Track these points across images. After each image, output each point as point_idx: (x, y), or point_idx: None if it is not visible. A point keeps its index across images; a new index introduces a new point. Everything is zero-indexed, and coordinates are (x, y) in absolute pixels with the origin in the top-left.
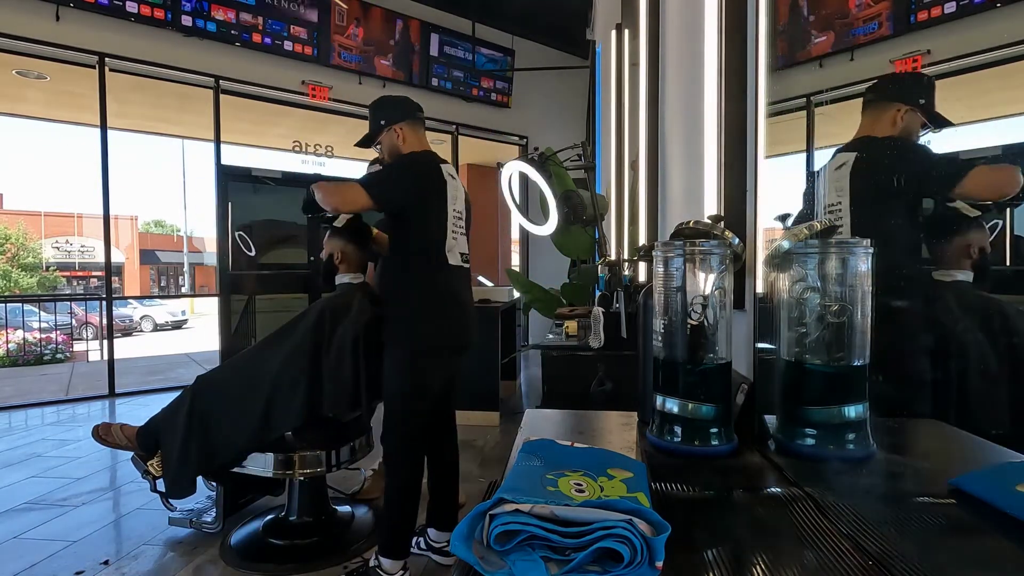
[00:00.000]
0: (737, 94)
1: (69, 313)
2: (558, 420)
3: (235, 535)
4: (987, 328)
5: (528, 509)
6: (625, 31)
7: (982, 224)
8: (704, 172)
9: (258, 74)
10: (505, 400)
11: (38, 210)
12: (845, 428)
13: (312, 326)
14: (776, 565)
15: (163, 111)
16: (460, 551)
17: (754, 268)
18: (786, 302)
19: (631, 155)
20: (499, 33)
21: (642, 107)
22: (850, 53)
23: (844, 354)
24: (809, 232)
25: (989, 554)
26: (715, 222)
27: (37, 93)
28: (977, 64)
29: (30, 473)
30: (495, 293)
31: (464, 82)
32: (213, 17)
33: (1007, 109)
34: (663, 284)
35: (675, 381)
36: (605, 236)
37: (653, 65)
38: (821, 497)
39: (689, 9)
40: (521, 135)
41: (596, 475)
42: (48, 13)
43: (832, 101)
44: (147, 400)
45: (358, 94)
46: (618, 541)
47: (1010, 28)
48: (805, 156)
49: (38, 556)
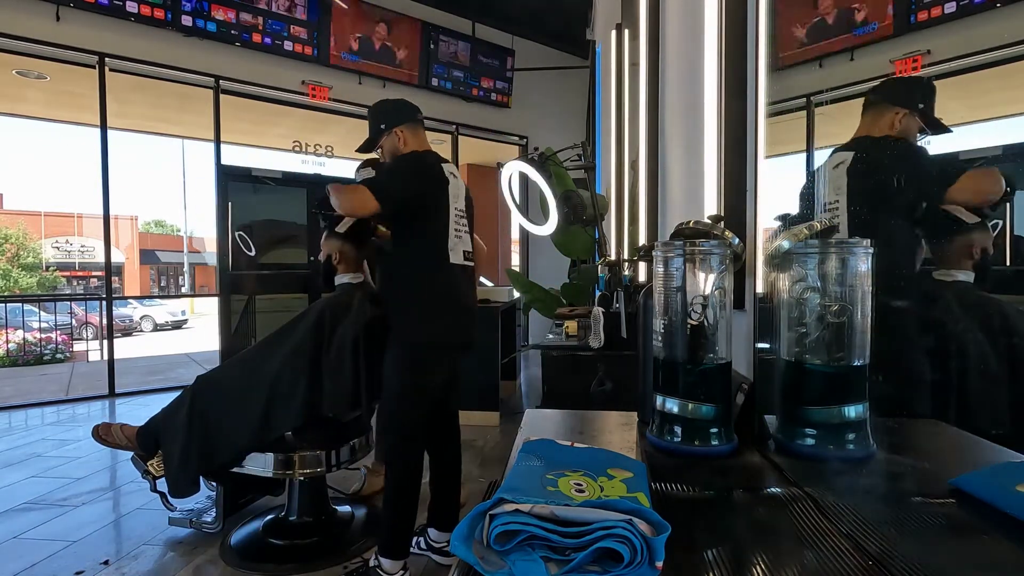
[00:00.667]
0: (737, 94)
1: (69, 313)
2: (558, 420)
3: (235, 535)
4: (987, 328)
5: (528, 509)
6: (625, 31)
7: (985, 225)
8: (704, 172)
9: (258, 74)
10: (505, 400)
11: (38, 210)
12: (845, 428)
13: (312, 326)
14: (776, 565)
15: (163, 111)
16: (460, 551)
17: (754, 268)
18: (786, 302)
19: (631, 155)
20: (499, 33)
21: (642, 107)
22: (850, 53)
23: (844, 354)
24: (809, 232)
25: (989, 554)
26: (715, 222)
27: (37, 93)
28: (977, 64)
29: (30, 473)
30: (495, 293)
31: (464, 82)
32: (213, 17)
33: (1007, 109)
34: (663, 284)
35: (675, 381)
36: (605, 236)
37: (653, 65)
38: (821, 497)
39: (689, 9)
40: (521, 135)
41: (596, 475)
42: (48, 13)
43: (832, 101)
44: (147, 400)
45: (358, 94)
46: (618, 541)
47: (1010, 28)
48: (805, 156)
49: (38, 556)
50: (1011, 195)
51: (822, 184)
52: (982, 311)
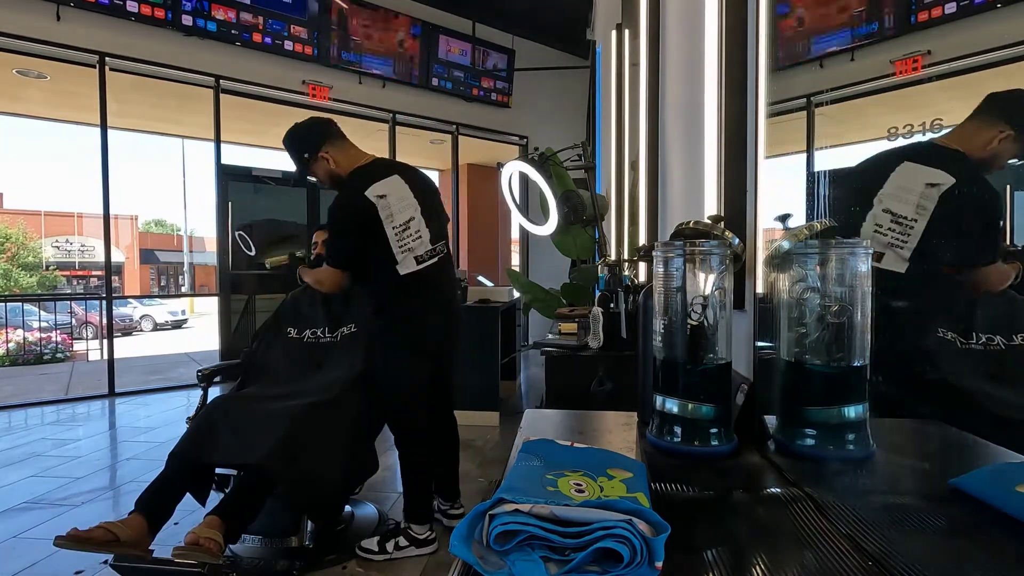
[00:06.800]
0: (737, 94)
1: (69, 312)
2: (558, 420)
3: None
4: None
5: (528, 509)
6: (625, 31)
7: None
8: (704, 172)
9: (258, 74)
10: (505, 400)
11: (38, 209)
12: (845, 428)
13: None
14: (776, 565)
15: (163, 111)
16: (460, 551)
17: (754, 268)
18: (786, 302)
19: (631, 155)
20: (499, 33)
21: (642, 107)
22: (850, 53)
23: (844, 354)
24: (809, 232)
25: (989, 554)
26: (715, 222)
27: (37, 93)
28: (977, 64)
29: (30, 473)
30: (495, 293)
31: (464, 82)
32: (213, 17)
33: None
34: (663, 284)
35: (675, 381)
36: (605, 236)
37: (653, 65)
38: (821, 497)
39: (689, 9)
40: (521, 135)
41: (596, 475)
42: (48, 12)
43: (832, 101)
44: (147, 399)
45: (358, 94)
46: (618, 541)
47: (1010, 28)
48: (805, 156)
49: (38, 556)
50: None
51: (902, 192)
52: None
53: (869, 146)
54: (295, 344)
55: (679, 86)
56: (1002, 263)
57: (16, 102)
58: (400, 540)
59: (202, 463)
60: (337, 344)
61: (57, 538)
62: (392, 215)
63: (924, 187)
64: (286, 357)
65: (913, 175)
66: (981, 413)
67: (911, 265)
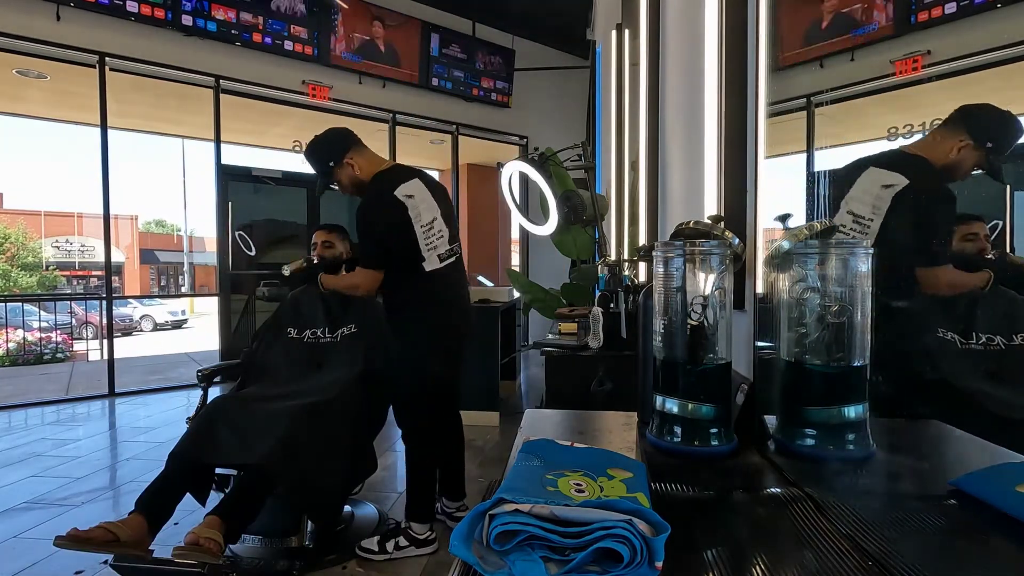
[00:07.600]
0: (737, 94)
1: (69, 312)
2: (558, 420)
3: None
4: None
5: (528, 509)
6: (625, 31)
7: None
8: (704, 172)
9: (258, 74)
10: (505, 400)
11: (38, 209)
12: (845, 428)
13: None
14: (776, 565)
15: (163, 111)
16: (460, 551)
17: (754, 268)
18: (786, 302)
19: (631, 155)
20: (499, 33)
21: (642, 107)
22: (850, 53)
23: (844, 354)
24: (809, 232)
25: (989, 554)
26: (715, 222)
27: (37, 93)
28: (977, 64)
29: (30, 473)
30: (495, 293)
31: (464, 82)
32: (213, 17)
33: (1008, 110)
34: (663, 284)
35: (675, 381)
36: (605, 236)
37: (653, 65)
38: (821, 497)
39: (689, 9)
40: (521, 135)
41: (596, 475)
42: (48, 12)
43: (833, 101)
44: (147, 399)
45: (358, 94)
46: (618, 541)
47: (1010, 28)
48: (805, 156)
49: (38, 556)
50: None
51: (860, 189)
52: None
53: (869, 146)
54: (295, 344)
55: (679, 86)
56: (952, 267)
57: (16, 102)
58: (400, 540)
59: (202, 463)
60: (337, 344)
61: (57, 538)
62: (420, 214)
63: (880, 188)
64: (286, 357)
65: (874, 178)
66: (981, 413)
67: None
